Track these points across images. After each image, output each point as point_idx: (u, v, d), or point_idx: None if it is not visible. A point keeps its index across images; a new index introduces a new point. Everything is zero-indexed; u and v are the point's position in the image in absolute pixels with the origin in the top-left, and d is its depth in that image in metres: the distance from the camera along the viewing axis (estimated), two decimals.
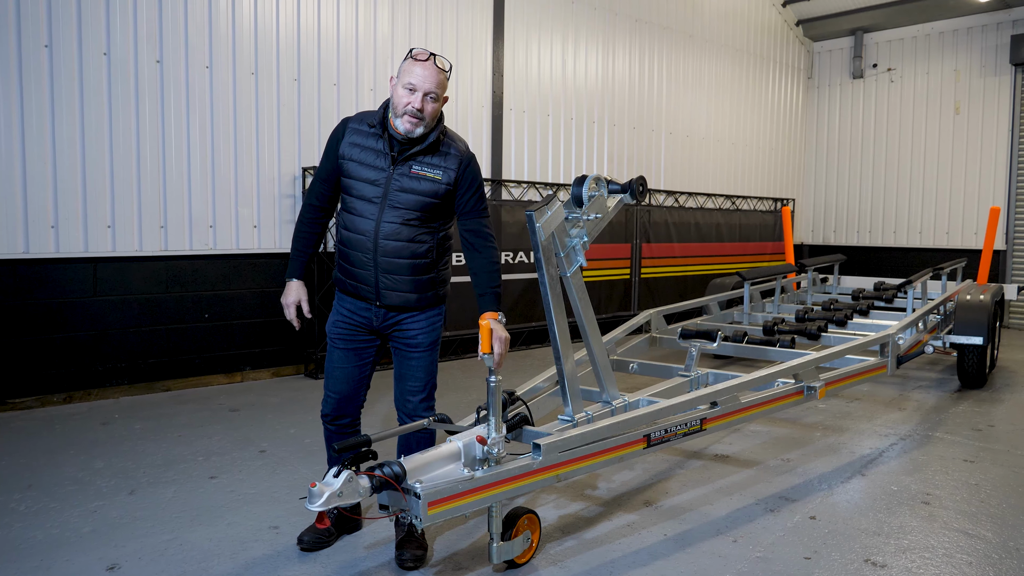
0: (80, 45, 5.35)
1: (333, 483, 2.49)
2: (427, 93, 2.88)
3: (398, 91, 2.90)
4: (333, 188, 3.14)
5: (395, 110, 2.92)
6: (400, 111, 2.89)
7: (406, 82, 2.88)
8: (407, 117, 2.89)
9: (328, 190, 3.14)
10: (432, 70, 2.89)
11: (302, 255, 3.21)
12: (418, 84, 2.87)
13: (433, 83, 2.88)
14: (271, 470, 4.13)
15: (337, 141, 3.06)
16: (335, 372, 3.18)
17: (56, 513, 3.49)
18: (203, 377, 6.10)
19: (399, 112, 2.90)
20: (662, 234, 9.32)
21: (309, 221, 3.19)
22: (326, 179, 3.12)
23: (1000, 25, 10.11)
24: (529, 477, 2.87)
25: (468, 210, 3.09)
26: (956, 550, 3.26)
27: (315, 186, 3.16)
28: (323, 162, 3.13)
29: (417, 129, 2.92)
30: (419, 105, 2.87)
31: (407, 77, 2.88)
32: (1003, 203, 10.12)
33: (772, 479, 4.11)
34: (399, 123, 2.92)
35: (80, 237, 5.43)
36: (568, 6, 8.45)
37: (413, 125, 2.91)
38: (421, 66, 2.88)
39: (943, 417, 5.45)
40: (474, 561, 3.07)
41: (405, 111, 2.88)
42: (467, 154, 3.07)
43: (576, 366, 3.55)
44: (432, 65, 2.89)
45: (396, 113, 2.92)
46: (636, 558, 3.13)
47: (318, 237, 3.23)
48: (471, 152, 3.11)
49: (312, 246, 3.22)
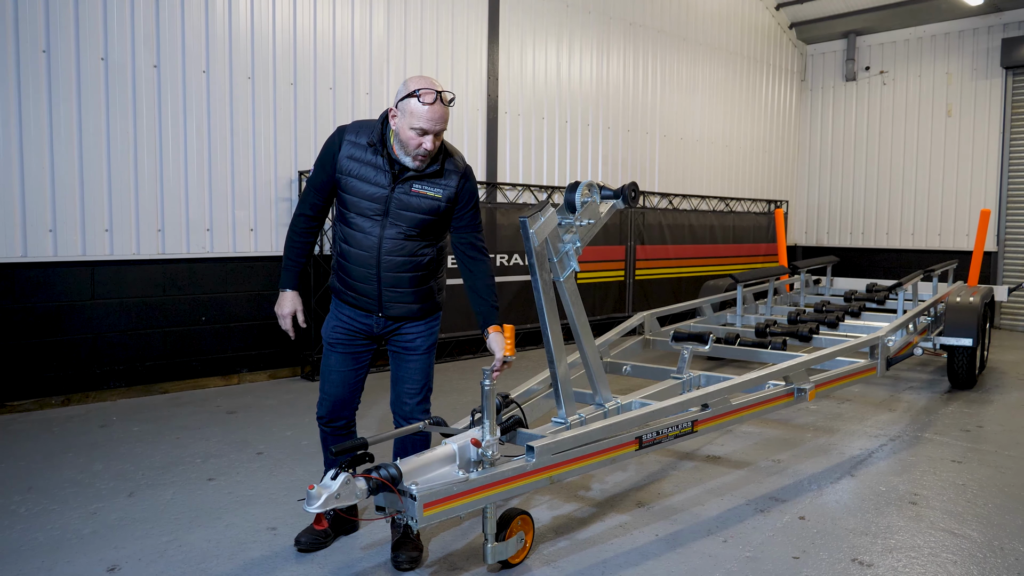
0: (78, 50, 5.39)
1: (331, 485, 2.55)
2: (437, 133, 2.90)
3: (406, 132, 2.87)
4: (326, 199, 3.14)
5: (405, 149, 2.92)
6: (411, 151, 2.91)
7: (415, 125, 2.84)
8: (418, 158, 2.93)
9: (321, 200, 3.15)
10: (440, 111, 2.86)
11: (296, 265, 3.21)
12: (428, 128, 2.86)
13: (441, 123, 2.88)
14: (268, 472, 4.18)
15: (334, 153, 3.04)
16: (331, 376, 3.21)
17: (56, 515, 3.53)
18: (200, 379, 6.15)
19: (409, 152, 2.91)
20: (656, 236, 9.38)
21: (302, 231, 3.19)
22: (320, 189, 3.12)
23: (991, 28, 10.19)
24: (523, 479, 2.92)
25: (464, 224, 3.15)
26: (941, 549, 3.32)
27: (308, 196, 3.15)
28: (318, 172, 3.11)
29: (428, 167, 2.98)
30: (431, 147, 2.90)
31: (415, 121, 2.84)
32: (994, 205, 10.20)
33: (763, 480, 4.17)
34: (408, 161, 2.95)
35: (78, 241, 5.47)
36: (563, 10, 8.51)
37: (423, 163, 2.96)
38: (429, 109, 2.83)
39: (933, 418, 5.52)
40: (469, 561, 3.12)
41: (417, 153, 2.91)
42: (465, 168, 3.12)
43: (569, 369, 3.61)
44: (440, 106, 2.86)
45: (406, 152, 2.93)
46: (628, 558, 3.19)
47: (311, 246, 3.25)
48: (468, 164, 3.16)
49: (305, 255, 3.23)
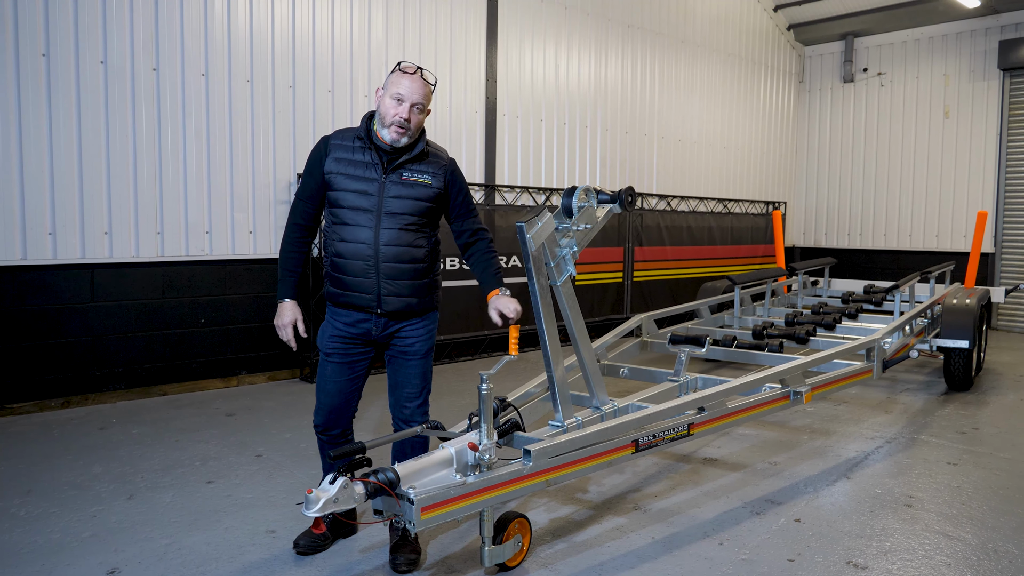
0: (77, 54, 5.41)
1: (329, 489, 2.57)
2: (414, 104, 3.00)
3: (386, 101, 3.00)
4: (317, 206, 3.19)
5: (382, 120, 3.02)
6: (388, 121, 3.00)
7: (394, 93, 2.98)
8: (394, 127, 3.00)
9: (312, 208, 3.19)
10: (419, 83, 3.01)
11: (292, 275, 3.23)
12: (406, 95, 2.98)
13: (420, 95, 3.00)
14: (268, 474, 4.20)
15: (320, 159, 3.10)
16: (328, 386, 3.22)
17: (56, 518, 3.55)
18: (200, 381, 6.17)
19: (387, 122, 3.00)
20: (654, 238, 9.41)
21: (296, 240, 3.22)
22: (310, 197, 3.16)
23: (988, 30, 10.22)
24: (519, 482, 2.95)
25: (462, 212, 3.26)
26: (936, 552, 3.35)
27: (299, 205, 3.19)
28: (306, 181, 3.16)
29: (403, 139, 3.03)
30: (406, 115, 2.99)
31: (395, 88, 2.99)
32: (991, 206, 10.23)
33: (759, 482, 4.19)
34: (385, 133, 3.02)
35: (77, 244, 5.49)
36: (561, 12, 8.53)
37: (399, 135, 3.02)
38: (409, 79, 2.99)
39: (929, 420, 5.54)
40: (466, 564, 3.14)
41: (393, 121, 2.99)
42: (450, 160, 3.24)
43: (566, 372, 3.63)
44: (419, 78, 3.02)
45: (383, 123, 3.02)
46: (624, 561, 3.21)
47: (306, 255, 3.28)
48: (452, 158, 3.27)
49: (301, 265, 3.26)
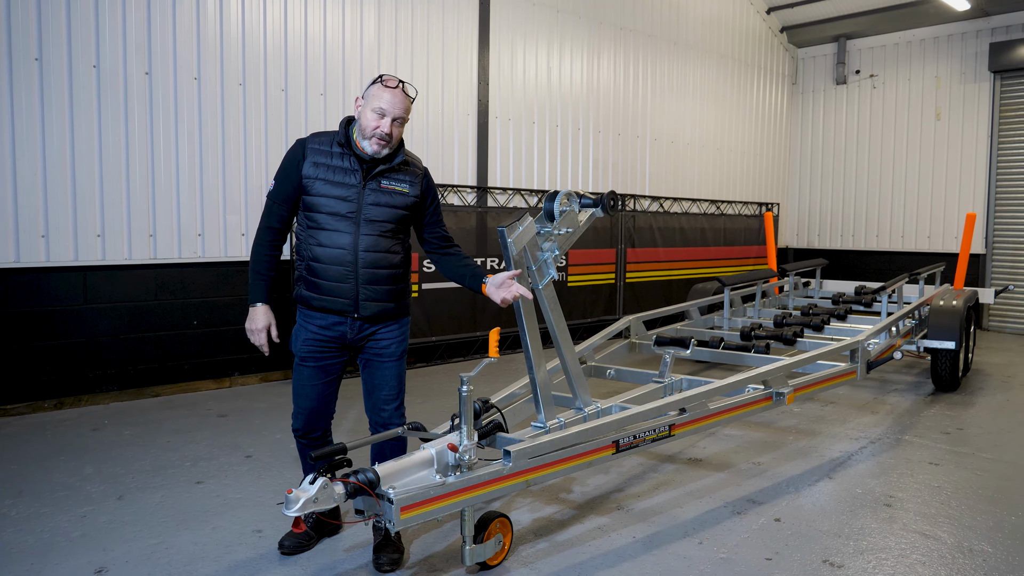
0: (70, 58, 5.46)
1: (309, 489, 2.62)
2: (395, 118, 3.04)
3: (367, 114, 3.03)
4: (291, 209, 3.20)
5: (363, 132, 3.06)
6: (369, 134, 3.04)
7: (375, 107, 3.01)
8: (375, 140, 3.04)
9: (287, 211, 3.19)
10: (400, 96, 3.04)
11: (265, 279, 3.22)
12: (388, 110, 3.02)
13: (401, 108, 3.04)
14: (257, 475, 4.25)
15: (298, 163, 3.11)
16: (305, 390, 3.24)
17: (47, 518, 3.60)
18: (192, 383, 6.22)
19: (367, 135, 3.04)
20: (647, 239, 9.46)
21: (269, 244, 3.21)
22: (286, 201, 3.17)
23: (979, 33, 10.29)
24: (499, 483, 2.99)
25: (434, 219, 3.35)
26: (912, 550, 3.40)
27: (274, 209, 3.18)
28: (282, 184, 3.15)
29: (384, 151, 3.08)
30: (388, 129, 3.03)
31: (376, 102, 3.01)
32: (982, 208, 10.29)
33: (742, 482, 4.24)
34: (367, 144, 3.07)
35: (70, 246, 5.54)
36: (553, 15, 8.58)
37: (380, 147, 3.07)
38: (391, 93, 3.02)
39: (914, 420, 5.60)
40: (448, 563, 3.19)
41: (374, 134, 3.03)
42: (424, 168, 3.31)
43: (549, 374, 3.68)
44: (401, 92, 3.05)
45: (364, 135, 3.06)
46: (604, 560, 3.26)
47: (278, 259, 3.27)
48: (426, 167, 3.35)
49: (274, 269, 3.25)
